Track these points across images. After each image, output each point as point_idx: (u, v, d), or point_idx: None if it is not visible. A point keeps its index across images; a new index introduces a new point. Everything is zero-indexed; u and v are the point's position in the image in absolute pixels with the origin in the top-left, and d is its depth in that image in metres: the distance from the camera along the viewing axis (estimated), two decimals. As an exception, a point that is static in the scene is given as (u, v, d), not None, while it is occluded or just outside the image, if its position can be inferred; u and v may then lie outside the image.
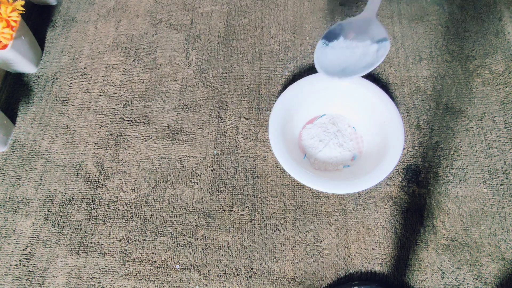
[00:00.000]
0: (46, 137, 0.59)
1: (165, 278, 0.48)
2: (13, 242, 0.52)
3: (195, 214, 0.52)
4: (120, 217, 0.53)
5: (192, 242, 0.50)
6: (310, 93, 0.53)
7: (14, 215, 0.54)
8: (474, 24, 0.62)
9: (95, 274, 0.49)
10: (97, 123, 0.60)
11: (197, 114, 0.59)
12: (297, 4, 0.67)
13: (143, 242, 0.51)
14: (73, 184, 0.55)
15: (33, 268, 0.50)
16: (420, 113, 0.56)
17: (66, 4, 0.72)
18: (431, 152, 0.53)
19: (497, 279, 0.46)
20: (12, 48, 0.57)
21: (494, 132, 0.53)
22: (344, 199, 0.51)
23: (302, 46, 0.63)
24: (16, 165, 0.57)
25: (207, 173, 0.55)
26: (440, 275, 0.46)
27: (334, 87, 0.53)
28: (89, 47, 0.67)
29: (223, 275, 0.48)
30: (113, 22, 0.69)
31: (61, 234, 0.52)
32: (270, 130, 0.50)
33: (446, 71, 0.58)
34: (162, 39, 0.66)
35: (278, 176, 0.53)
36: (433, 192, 0.51)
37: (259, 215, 0.51)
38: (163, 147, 0.57)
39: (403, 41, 0.61)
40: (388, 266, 0.47)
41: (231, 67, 0.62)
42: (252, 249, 0.49)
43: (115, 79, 0.63)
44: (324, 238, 0.49)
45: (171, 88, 0.62)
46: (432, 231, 0.49)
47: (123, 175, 0.55)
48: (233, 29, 0.66)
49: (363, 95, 0.52)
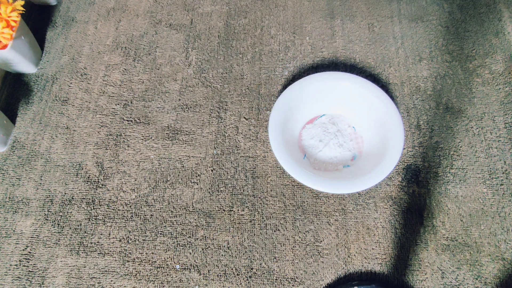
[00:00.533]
0: (46, 137, 0.59)
1: (165, 278, 0.48)
2: (13, 242, 0.52)
3: (195, 214, 0.52)
4: (120, 217, 0.53)
5: (192, 242, 0.50)
6: (310, 93, 0.53)
7: (14, 215, 0.54)
8: (474, 24, 0.62)
9: (95, 274, 0.49)
10: (97, 123, 0.60)
11: (197, 114, 0.59)
12: (297, 4, 0.67)
13: (143, 242, 0.51)
14: (73, 184, 0.55)
15: (33, 268, 0.50)
16: (420, 113, 0.56)
17: (66, 4, 0.72)
18: (431, 152, 0.53)
19: (497, 279, 0.46)
20: (12, 48, 0.57)
21: (494, 132, 0.53)
22: (344, 199, 0.51)
23: (302, 46, 0.63)
24: (16, 165, 0.57)
25: (207, 173, 0.54)
26: (440, 275, 0.46)
27: (334, 87, 0.53)
28: (89, 47, 0.67)
29: (223, 275, 0.48)
30: (113, 22, 0.69)
31: (61, 234, 0.52)
32: (270, 130, 0.50)
33: (446, 71, 0.58)
34: (162, 39, 0.66)
35: (278, 176, 0.53)
36: (433, 192, 0.51)
37: (259, 215, 0.51)
38: (163, 147, 0.57)
39: (403, 41, 0.61)
40: (388, 266, 0.47)
41: (231, 67, 0.62)
42: (252, 249, 0.49)
43: (115, 79, 0.63)
44: (324, 238, 0.49)
45: (171, 88, 0.62)
46: (432, 231, 0.49)
47: (123, 175, 0.55)
48: (233, 29, 0.66)
49: (363, 95, 0.52)
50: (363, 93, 0.52)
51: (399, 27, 0.63)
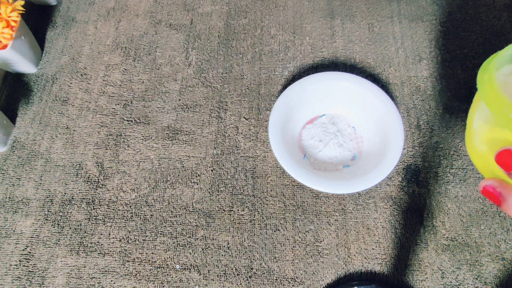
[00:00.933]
0: (46, 137, 0.59)
1: (165, 278, 0.48)
2: (13, 242, 0.52)
3: (195, 214, 0.52)
4: (120, 217, 0.53)
5: (192, 242, 0.50)
6: (310, 93, 0.53)
7: (14, 215, 0.54)
8: (474, 24, 0.62)
9: (95, 274, 0.49)
10: (97, 123, 0.60)
11: (197, 114, 0.59)
12: (297, 4, 0.67)
13: (143, 242, 0.51)
14: (73, 184, 0.55)
15: (33, 268, 0.50)
16: (420, 113, 0.56)
17: (66, 4, 0.72)
18: (431, 152, 0.53)
19: (496, 279, 0.46)
20: (12, 48, 0.57)
21: (494, 132, 0.53)
22: (344, 199, 0.51)
23: (302, 46, 0.63)
24: (16, 165, 0.57)
25: (207, 173, 0.55)
26: (440, 275, 0.46)
27: (334, 87, 0.53)
28: (89, 47, 0.67)
29: (223, 275, 0.48)
30: (113, 22, 0.69)
31: (61, 234, 0.52)
32: (270, 130, 0.50)
33: (446, 71, 0.58)
34: (162, 39, 0.66)
35: (278, 176, 0.53)
36: (433, 192, 0.51)
37: (259, 215, 0.51)
38: (163, 147, 0.57)
39: (403, 41, 0.61)
40: (388, 266, 0.47)
41: (231, 67, 0.62)
42: (252, 249, 0.49)
43: (115, 79, 0.63)
44: (324, 238, 0.49)
45: (171, 88, 0.62)
46: (432, 231, 0.49)
47: (123, 175, 0.55)
48: (233, 29, 0.66)
49: (363, 95, 0.52)
50: (363, 93, 0.52)
51: (399, 27, 0.63)
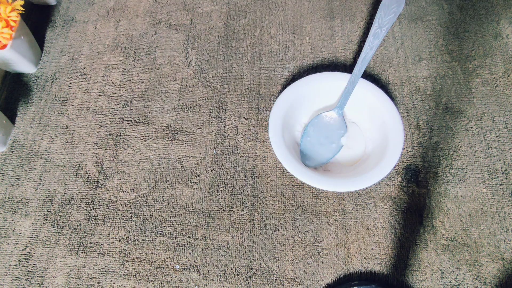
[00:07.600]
0: (45, 137, 0.59)
1: (165, 278, 0.48)
2: (12, 242, 0.52)
3: (194, 214, 0.52)
4: (120, 217, 0.52)
5: (191, 242, 0.50)
6: (309, 93, 0.53)
7: (13, 215, 0.54)
8: (474, 25, 0.62)
9: (95, 274, 0.49)
10: (97, 123, 0.60)
11: (196, 114, 0.59)
12: (297, 4, 0.67)
13: (142, 242, 0.51)
14: (72, 184, 0.55)
15: (32, 268, 0.50)
16: (419, 113, 0.56)
17: (66, 4, 0.72)
18: (431, 152, 0.53)
19: (496, 279, 0.46)
20: (11, 48, 0.57)
21: (493, 132, 0.53)
22: (343, 199, 0.51)
23: (301, 46, 0.63)
24: (15, 165, 0.57)
25: (207, 173, 0.54)
26: (439, 275, 0.46)
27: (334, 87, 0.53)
28: (89, 47, 0.67)
29: (222, 275, 0.48)
30: (113, 22, 0.69)
31: (61, 234, 0.52)
32: (270, 130, 0.50)
33: (446, 71, 0.58)
34: (161, 39, 0.66)
35: (278, 176, 0.53)
36: (432, 192, 0.51)
37: (258, 215, 0.51)
38: (163, 147, 0.57)
39: (402, 41, 0.62)
40: (388, 266, 0.47)
41: (231, 67, 0.62)
42: (252, 249, 0.49)
43: (114, 79, 0.63)
44: (324, 238, 0.49)
45: (170, 88, 0.62)
46: (432, 231, 0.49)
47: (123, 175, 0.55)
48: (233, 29, 0.66)
49: (363, 95, 0.52)
50: (363, 93, 0.52)
51: (399, 27, 0.63)
